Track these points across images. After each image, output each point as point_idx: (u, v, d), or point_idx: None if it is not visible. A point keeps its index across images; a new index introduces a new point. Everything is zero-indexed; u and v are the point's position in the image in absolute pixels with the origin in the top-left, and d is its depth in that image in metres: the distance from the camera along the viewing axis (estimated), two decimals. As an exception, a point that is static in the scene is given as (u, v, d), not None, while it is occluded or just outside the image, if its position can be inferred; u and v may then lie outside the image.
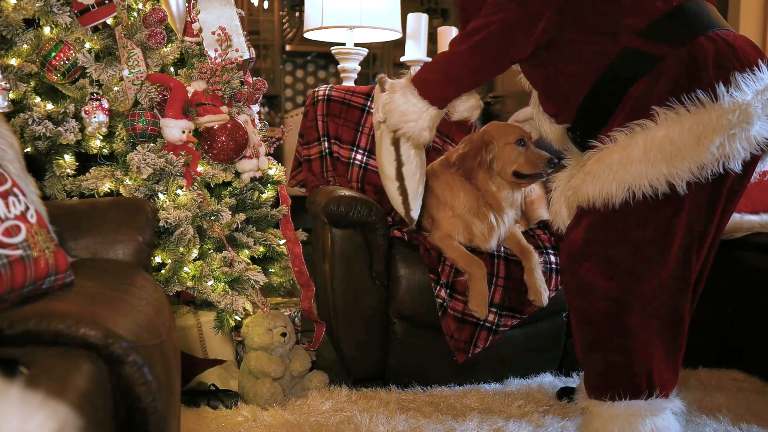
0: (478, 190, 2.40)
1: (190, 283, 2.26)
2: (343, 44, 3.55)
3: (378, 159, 2.30)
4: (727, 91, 1.55)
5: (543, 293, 2.32)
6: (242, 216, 2.44)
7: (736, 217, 2.81)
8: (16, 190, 1.23)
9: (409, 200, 2.32)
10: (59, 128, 2.13)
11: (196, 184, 2.35)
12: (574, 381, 2.42)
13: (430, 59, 3.97)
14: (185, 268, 2.26)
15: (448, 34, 4.01)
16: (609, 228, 1.70)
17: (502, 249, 2.43)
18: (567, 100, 1.82)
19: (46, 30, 2.21)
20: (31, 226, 1.22)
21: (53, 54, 2.15)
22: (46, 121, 2.12)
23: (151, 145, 2.27)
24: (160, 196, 2.27)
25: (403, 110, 2.04)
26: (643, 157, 1.59)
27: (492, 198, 2.39)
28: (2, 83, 2.04)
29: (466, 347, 2.33)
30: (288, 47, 8.25)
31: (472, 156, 2.36)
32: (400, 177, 2.25)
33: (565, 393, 2.28)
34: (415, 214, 2.35)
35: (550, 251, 2.44)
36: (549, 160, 2.33)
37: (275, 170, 2.69)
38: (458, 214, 2.41)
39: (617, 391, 1.71)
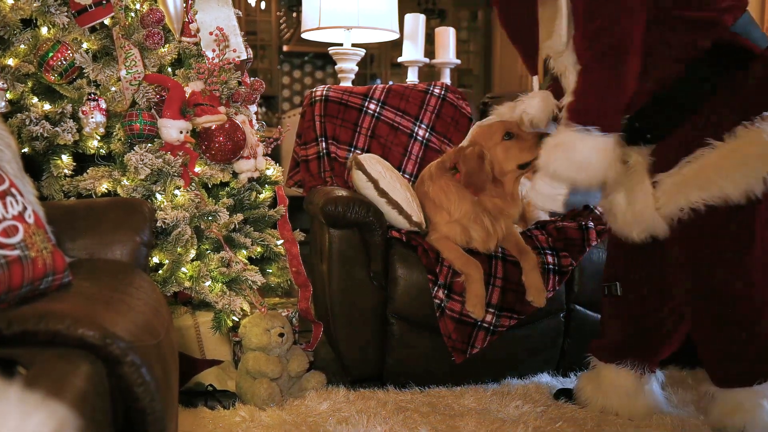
0: (475, 196, 2.40)
1: (187, 284, 2.26)
2: (341, 45, 3.55)
3: (358, 191, 2.46)
4: None
5: (541, 294, 2.32)
6: (240, 216, 2.44)
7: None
8: (13, 190, 1.23)
9: (404, 209, 2.39)
10: (57, 128, 2.13)
11: (193, 184, 2.35)
12: (572, 382, 2.42)
13: (427, 60, 3.99)
14: (183, 269, 2.26)
15: (446, 34, 4.02)
16: (740, 228, 1.74)
17: (500, 250, 2.43)
18: (639, 93, 1.79)
19: (44, 30, 2.21)
20: (29, 226, 1.22)
21: (51, 54, 2.15)
22: (44, 121, 2.12)
23: (149, 145, 2.27)
24: (158, 196, 2.26)
25: (598, 158, 1.76)
26: None
27: (494, 207, 2.38)
28: (0, 83, 2.04)
29: (464, 347, 2.33)
30: (285, 48, 8.25)
31: (478, 170, 2.33)
32: (382, 193, 2.41)
33: (563, 394, 2.29)
34: (418, 217, 2.44)
35: (547, 252, 2.44)
36: (540, 136, 2.26)
37: (273, 170, 2.70)
38: (455, 219, 2.41)
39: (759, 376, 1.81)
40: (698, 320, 1.90)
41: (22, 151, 2.12)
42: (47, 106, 2.19)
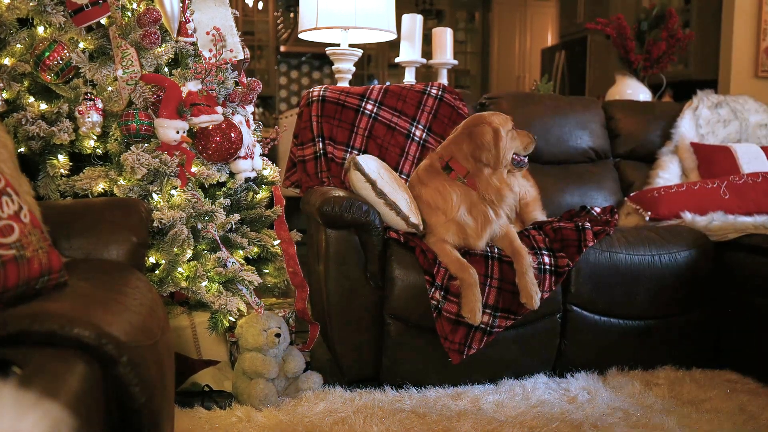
0: (474, 188, 2.40)
1: (184, 284, 2.25)
2: (338, 45, 3.55)
3: (356, 192, 2.44)
4: None
5: (535, 296, 2.32)
6: (236, 216, 2.44)
7: (729, 218, 2.83)
8: (9, 189, 1.23)
9: (402, 210, 2.39)
10: (53, 128, 2.12)
11: (190, 184, 2.35)
12: (569, 382, 2.43)
13: (424, 60, 3.99)
14: (179, 269, 2.25)
15: (443, 35, 4.02)
16: None
17: (496, 250, 2.43)
18: None
19: (40, 29, 2.20)
20: (25, 226, 1.21)
21: (47, 54, 2.14)
22: (40, 120, 2.12)
23: (146, 145, 2.26)
24: (154, 196, 2.26)
25: None
26: None
27: (494, 191, 2.41)
28: (-5, 83, 2.04)
29: (461, 348, 2.33)
30: (282, 48, 8.26)
31: (495, 144, 2.39)
32: (380, 194, 2.38)
33: None
34: (415, 219, 2.43)
35: (543, 252, 2.44)
36: (534, 139, 2.50)
37: (270, 171, 2.69)
38: (451, 218, 2.41)
39: None
40: None
41: (19, 150, 2.11)
42: (43, 106, 2.19)
